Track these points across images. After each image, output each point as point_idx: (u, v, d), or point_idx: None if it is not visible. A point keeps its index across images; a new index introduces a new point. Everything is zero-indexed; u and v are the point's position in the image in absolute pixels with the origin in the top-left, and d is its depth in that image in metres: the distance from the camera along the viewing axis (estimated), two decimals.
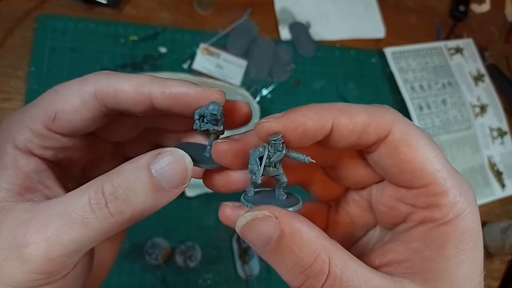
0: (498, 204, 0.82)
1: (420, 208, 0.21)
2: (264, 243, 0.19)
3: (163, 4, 0.71)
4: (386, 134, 0.21)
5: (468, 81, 0.86)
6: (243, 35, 0.73)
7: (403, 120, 0.21)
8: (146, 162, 0.20)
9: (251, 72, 0.72)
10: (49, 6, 0.64)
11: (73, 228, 0.18)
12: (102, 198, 0.19)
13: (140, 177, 0.19)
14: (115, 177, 0.19)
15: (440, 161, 0.20)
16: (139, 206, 0.19)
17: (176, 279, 0.59)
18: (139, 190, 0.19)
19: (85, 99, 0.21)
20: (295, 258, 0.19)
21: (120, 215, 0.19)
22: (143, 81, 0.21)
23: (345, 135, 0.21)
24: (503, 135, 0.85)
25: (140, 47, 0.67)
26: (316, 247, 0.19)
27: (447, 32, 0.89)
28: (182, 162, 0.20)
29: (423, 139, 0.21)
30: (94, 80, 0.21)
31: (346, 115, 0.20)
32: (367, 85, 0.80)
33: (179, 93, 0.22)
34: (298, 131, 0.20)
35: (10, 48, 0.61)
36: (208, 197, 0.63)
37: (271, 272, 0.64)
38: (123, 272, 0.57)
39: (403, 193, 0.22)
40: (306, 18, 0.79)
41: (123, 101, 0.21)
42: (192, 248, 0.60)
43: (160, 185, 0.19)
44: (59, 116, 0.21)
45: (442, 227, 0.20)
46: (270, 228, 0.19)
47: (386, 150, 0.21)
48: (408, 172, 0.21)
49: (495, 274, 0.77)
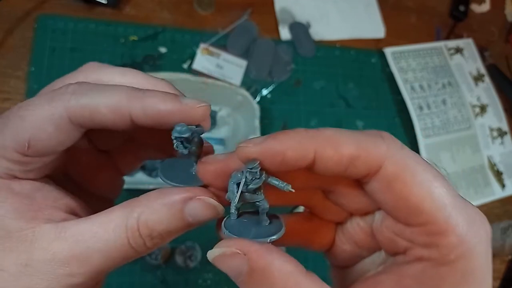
0: (498, 204, 0.82)
1: (419, 245, 0.19)
2: (235, 275, 0.19)
3: (163, 4, 0.71)
4: (377, 168, 0.19)
5: (468, 81, 0.86)
6: (243, 35, 0.73)
7: (399, 151, 0.19)
8: (179, 206, 0.20)
9: (251, 72, 0.72)
10: (49, 6, 0.64)
11: (115, 261, 0.20)
12: (140, 239, 0.20)
13: (175, 223, 0.20)
14: (148, 217, 0.20)
15: (444, 196, 0.18)
16: (172, 238, 0.21)
17: (176, 279, 0.59)
18: (174, 232, 0.21)
19: (58, 125, 0.19)
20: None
21: (154, 247, 0.21)
22: (120, 100, 0.20)
23: (330, 166, 0.19)
24: (503, 135, 0.85)
25: (140, 47, 0.67)
26: (287, 283, 0.18)
27: (447, 32, 0.89)
28: (214, 210, 0.21)
29: (423, 173, 0.18)
30: (64, 101, 0.19)
31: (332, 146, 0.19)
32: (367, 85, 0.80)
33: (161, 112, 0.20)
34: (277, 160, 0.19)
35: (10, 48, 0.61)
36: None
37: None
38: (123, 272, 0.57)
39: (401, 228, 0.20)
40: (306, 18, 0.79)
41: (101, 122, 0.20)
42: (192, 248, 0.60)
43: (192, 224, 0.21)
44: (33, 143, 0.19)
45: (439, 268, 0.18)
46: (238, 264, 0.19)
47: (378, 185, 0.19)
48: (402, 210, 0.19)
49: (495, 274, 0.77)
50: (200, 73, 0.68)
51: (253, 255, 0.18)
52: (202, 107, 0.21)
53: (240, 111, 0.67)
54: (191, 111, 0.21)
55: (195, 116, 0.21)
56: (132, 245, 0.20)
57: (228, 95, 0.65)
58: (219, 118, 0.67)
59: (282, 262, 0.18)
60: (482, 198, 0.79)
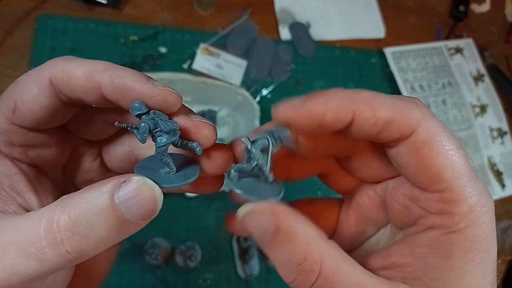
0: (498, 204, 0.82)
1: (432, 213, 0.20)
2: (261, 235, 0.19)
3: (163, 4, 0.71)
4: (410, 134, 0.19)
5: (468, 81, 0.86)
6: (243, 35, 0.73)
7: (431, 119, 0.20)
8: (109, 191, 0.17)
9: (251, 72, 0.72)
10: (49, 6, 0.64)
11: (29, 261, 0.17)
12: (57, 233, 0.17)
13: (102, 210, 0.17)
14: (72, 208, 0.17)
15: (462, 168, 0.19)
16: (101, 241, 0.17)
17: (176, 279, 0.59)
18: (100, 224, 0.17)
19: (41, 85, 0.20)
20: (287, 254, 0.19)
21: (78, 252, 0.17)
22: (96, 68, 0.20)
23: (365, 129, 0.19)
24: (503, 135, 0.85)
25: (140, 47, 0.67)
26: (309, 247, 0.19)
27: (447, 32, 0.89)
28: (150, 194, 0.18)
29: (448, 143, 0.19)
30: (51, 65, 0.20)
31: (370, 108, 0.19)
32: (367, 85, 0.80)
33: (125, 86, 0.20)
34: (315, 122, 0.19)
35: (10, 48, 0.61)
36: (208, 197, 0.63)
37: (271, 272, 0.64)
38: (123, 272, 0.57)
39: (417, 194, 0.21)
40: (306, 18, 0.79)
41: (75, 88, 0.20)
42: (192, 248, 0.60)
43: (125, 218, 0.17)
44: (19, 106, 0.20)
45: (450, 235, 0.19)
46: (266, 222, 0.19)
47: (406, 149, 0.20)
48: (424, 175, 0.20)
49: None
50: (200, 73, 0.68)
51: (281, 215, 0.19)
52: (171, 93, 0.20)
53: (240, 111, 0.67)
54: (156, 91, 0.20)
55: (162, 98, 0.20)
56: (47, 240, 0.17)
57: (228, 95, 0.65)
58: (219, 118, 0.67)
59: (306, 226, 0.19)
60: None
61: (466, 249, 0.19)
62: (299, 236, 0.19)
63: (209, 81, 0.64)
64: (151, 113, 0.20)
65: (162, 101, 0.20)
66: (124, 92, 0.20)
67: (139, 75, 0.20)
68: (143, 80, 0.20)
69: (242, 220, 0.20)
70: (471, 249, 0.19)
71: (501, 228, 0.74)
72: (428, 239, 0.20)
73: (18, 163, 0.22)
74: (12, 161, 0.21)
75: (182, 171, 0.21)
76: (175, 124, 0.20)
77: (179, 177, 0.21)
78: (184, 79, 0.61)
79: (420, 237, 0.21)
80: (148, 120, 0.19)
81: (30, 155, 0.22)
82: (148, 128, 0.19)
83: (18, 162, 0.22)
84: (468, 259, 0.19)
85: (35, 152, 0.22)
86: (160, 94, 0.20)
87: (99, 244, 0.18)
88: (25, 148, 0.22)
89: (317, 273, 0.18)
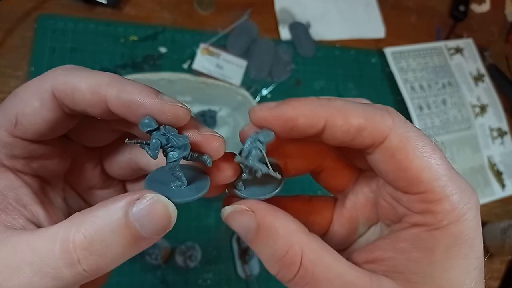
0: (498, 204, 0.82)
1: (415, 212, 0.21)
2: (244, 232, 0.20)
3: (163, 4, 0.71)
4: (382, 140, 0.20)
5: (468, 81, 0.86)
6: (243, 35, 0.73)
7: (404, 125, 0.20)
8: (123, 209, 0.17)
9: (251, 72, 0.72)
10: (49, 6, 0.64)
11: (45, 280, 0.17)
12: (73, 253, 0.17)
13: (117, 228, 0.17)
14: (87, 227, 0.17)
15: (440, 168, 0.19)
16: (116, 257, 0.18)
17: (176, 279, 0.59)
18: (116, 242, 0.17)
19: (43, 99, 0.19)
20: (270, 248, 0.20)
21: (95, 270, 0.17)
22: (101, 82, 0.19)
23: (338, 135, 0.20)
24: (503, 135, 0.85)
25: (140, 47, 0.67)
26: (290, 240, 0.20)
27: (447, 32, 0.89)
28: (165, 211, 0.18)
29: (423, 146, 0.20)
30: (52, 77, 0.20)
31: (342, 116, 0.20)
32: (367, 85, 0.80)
33: (133, 102, 0.19)
34: (288, 126, 0.20)
35: (10, 48, 0.61)
36: (208, 197, 0.63)
37: None
38: (123, 272, 0.57)
39: (399, 195, 0.21)
40: (306, 18, 0.79)
41: (80, 102, 0.19)
42: (192, 248, 0.60)
43: (140, 234, 0.18)
44: (21, 120, 0.20)
45: (433, 231, 0.20)
46: (247, 221, 0.20)
47: (381, 156, 0.20)
48: (403, 179, 0.20)
49: (495, 274, 0.77)
50: (200, 73, 0.68)
51: (261, 213, 0.20)
52: (181, 108, 0.20)
53: (240, 111, 0.67)
54: (169, 109, 0.19)
55: (172, 114, 0.20)
56: (64, 260, 0.17)
57: (228, 95, 0.65)
58: (219, 118, 0.67)
59: (287, 221, 0.20)
60: (482, 198, 0.79)
61: (449, 245, 0.19)
62: (280, 231, 0.20)
63: (209, 81, 0.64)
64: (161, 129, 0.19)
65: (172, 117, 0.20)
66: (132, 108, 0.19)
67: (147, 90, 0.20)
68: (151, 95, 0.19)
69: (226, 220, 0.21)
70: (454, 245, 0.19)
71: (501, 228, 0.74)
72: (411, 235, 0.21)
73: (21, 175, 0.21)
74: (15, 173, 0.21)
75: (193, 184, 0.22)
76: (186, 139, 0.20)
77: (191, 191, 0.21)
78: (184, 79, 0.61)
79: (404, 233, 0.21)
80: (160, 136, 0.19)
81: (33, 167, 0.22)
82: (160, 144, 0.19)
83: (21, 174, 0.21)
84: (451, 254, 0.19)
85: (38, 163, 0.22)
86: (170, 110, 0.19)
87: (114, 261, 0.18)
88: (28, 160, 0.21)
89: (299, 265, 0.19)
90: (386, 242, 0.22)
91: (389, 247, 0.21)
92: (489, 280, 0.77)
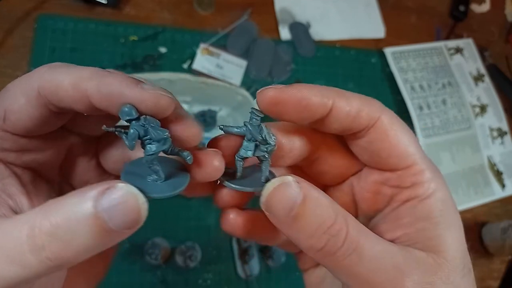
0: (498, 204, 0.81)
1: (405, 187, 0.23)
2: (289, 208, 0.19)
3: (163, 4, 0.71)
4: (376, 119, 0.22)
5: (468, 81, 0.86)
6: (243, 35, 0.73)
7: (387, 109, 0.23)
8: (92, 198, 0.17)
9: (251, 72, 0.72)
10: (49, 6, 0.64)
11: (12, 267, 0.16)
12: (38, 238, 0.16)
13: (84, 217, 0.16)
14: (54, 214, 0.17)
15: (416, 144, 0.23)
16: (82, 248, 0.17)
17: (176, 279, 0.59)
18: (82, 232, 0.16)
19: (29, 96, 0.19)
20: (318, 219, 0.20)
21: (59, 259, 0.17)
22: (82, 76, 0.19)
23: (341, 117, 0.22)
24: (503, 135, 0.85)
25: (140, 47, 0.67)
26: (334, 210, 0.20)
27: (447, 32, 0.89)
28: (134, 204, 0.17)
29: (403, 125, 0.23)
30: (39, 74, 0.20)
31: (344, 98, 0.22)
32: (367, 85, 0.80)
33: (113, 93, 0.18)
34: (302, 104, 0.21)
35: (10, 48, 0.61)
36: (208, 197, 0.63)
37: (271, 272, 0.64)
38: (123, 272, 0.57)
39: (388, 176, 0.23)
40: (306, 18, 0.79)
41: (64, 98, 0.19)
42: (192, 248, 0.60)
43: (108, 226, 0.17)
44: (8, 115, 0.20)
45: (425, 200, 0.22)
46: (294, 192, 0.20)
47: (376, 135, 0.22)
48: (395, 155, 0.22)
49: (495, 274, 0.77)
50: (200, 73, 0.68)
51: (305, 184, 0.20)
52: (163, 96, 0.19)
53: (240, 111, 0.67)
54: (149, 97, 0.19)
55: (152, 103, 0.19)
56: (29, 245, 0.16)
57: (228, 95, 0.65)
58: (219, 118, 0.67)
59: (324, 193, 0.21)
60: (482, 198, 0.79)
61: (440, 208, 0.22)
62: (324, 201, 0.20)
63: (209, 81, 0.64)
64: (141, 119, 0.18)
65: (153, 105, 0.19)
66: (112, 100, 0.19)
67: (127, 80, 0.19)
68: (131, 84, 0.19)
69: (267, 201, 0.20)
70: (443, 207, 0.22)
71: (501, 228, 0.74)
72: (408, 209, 0.23)
73: (12, 166, 0.21)
74: (5, 164, 0.21)
75: (171, 179, 0.21)
76: (166, 132, 0.19)
77: (168, 186, 0.20)
78: (184, 79, 0.61)
79: (400, 211, 0.23)
80: (138, 127, 0.18)
81: (24, 160, 0.22)
82: (137, 135, 0.18)
83: (11, 165, 0.21)
84: (445, 215, 0.22)
85: (29, 157, 0.22)
86: (150, 99, 0.18)
87: (81, 252, 0.17)
88: (19, 153, 0.21)
89: (346, 232, 0.20)
90: (389, 224, 0.23)
91: (395, 227, 0.23)
92: (489, 280, 0.77)
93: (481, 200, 0.79)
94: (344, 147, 0.25)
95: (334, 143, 0.25)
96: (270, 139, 0.21)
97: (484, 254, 0.77)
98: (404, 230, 0.22)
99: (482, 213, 0.80)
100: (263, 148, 0.22)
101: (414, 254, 0.21)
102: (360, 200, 0.26)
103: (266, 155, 0.22)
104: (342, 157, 0.25)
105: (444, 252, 0.21)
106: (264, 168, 0.23)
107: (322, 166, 0.26)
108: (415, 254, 0.21)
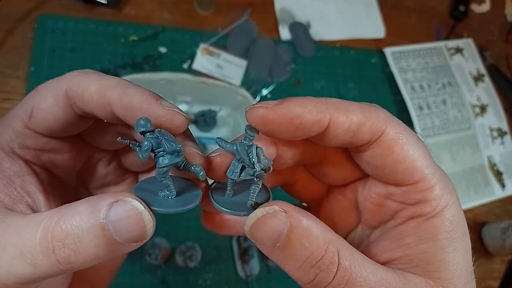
0: (498, 204, 0.82)
1: (410, 204, 0.21)
2: (274, 240, 0.19)
3: (163, 4, 0.71)
4: (380, 134, 0.20)
5: (468, 81, 0.86)
6: (243, 35, 0.73)
7: (394, 119, 0.21)
8: (101, 209, 0.17)
9: (251, 72, 0.72)
10: (49, 6, 0.64)
11: (23, 265, 0.17)
12: (50, 242, 0.17)
13: (92, 227, 0.17)
14: (66, 220, 0.17)
15: (426, 158, 0.21)
16: (89, 257, 0.17)
17: (176, 279, 0.59)
18: (89, 241, 0.17)
19: (57, 96, 0.21)
20: (306, 252, 0.18)
21: (68, 264, 0.17)
22: (108, 84, 0.20)
23: (340, 132, 0.20)
24: (503, 135, 0.85)
25: (140, 47, 0.67)
26: (325, 240, 0.19)
27: (447, 32, 0.89)
28: (139, 220, 0.18)
29: (412, 137, 0.21)
30: (69, 77, 0.21)
31: (343, 112, 0.20)
32: (367, 85, 0.80)
33: (133, 105, 0.20)
34: (295, 123, 0.19)
35: (10, 48, 0.61)
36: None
37: (271, 272, 0.64)
38: (123, 272, 0.57)
39: (392, 190, 0.22)
40: (306, 18, 0.79)
41: (88, 103, 0.20)
42: (192, 248, 0.60)
43: (114, 239, 0.17)
44: (35, 113, 0.21)
45: (431, 220, 0.20)
46: (280, 223, 0.18)
47: (379, 150, 0.21)
48: (399, 171, 0.21)
49: (495, 274, 0.77)
50: (200, 73, 0.68)
51: (293, 213, 0.18)
52: (178, 114, 0.20)
53: (240, 111, 0.67)
54: (165, 114, 0.20)
55: (168, 120, 0.20)
56: (41, 247, 0.17)
57: (228, 95, 0.65)
58: (219, 118, 0.67)
59: (317, 221, 0.19)
60: (482, 198, 0.79)
61: (447, 229, 0.20)
62: (314, 231, 0.19)
63: (209, 81, 0.64)
64: (156, 132, 0.19)
65: (168, 122, 0.20)
66: (132, 111, 0.20)
67: (149, 94, 0.20)
68: (151, 99, 0.20)
69: (251, 231, 0.19)
70: (451, 228, 0.20)
71: (501, 228, 0.74)
72: (412, 228, 0.21)
73: (32, 164, 0.22)
74: (25, 162, 0.22)
75: (182, 196, 0.21)
76: (179, 146, 0.19)
77: (178, 202, 0.20)
78: (184, 79, 0.61)
79: (404, 228, 0.22)
80: (152, 139, 0.19)
81: (42, 159, 0.23)
82: (150, 147, 0.19)
83: (31, 163, 0.22)
84: (452, 237, 0.20)
85: (47, 157, 0.23)
86: (165, 115, 0.20)
87: (87, 260, 0.17)
88: (38, 152, 0.22)
89: (337, 265, 0.18)
90: (391, 241, 0.22)
91: (396, 246, 0.21)
92: (489, 280, 0.77)
93: (481, 200, 0.79)
94: (348, 154, 0.24)
95: (337, 150, 0.24)
96: (259, 164, 0.20)
97: (484, 254, 0.77)
98: (405, 251, 0.21)
99: (482, 213, 0.80)
100: (250, 172, 0.20)
101: (412, 282, 0.19)
102: (364, 209, 0.24)
103: (255, 179, 0.20)
104: (345, 163, 0.24)
105: (444, 280, 0.20)
106: (252, 192, 0.21)
107: (325, 167, 0.25)
108: (413, 281, 0.20)
